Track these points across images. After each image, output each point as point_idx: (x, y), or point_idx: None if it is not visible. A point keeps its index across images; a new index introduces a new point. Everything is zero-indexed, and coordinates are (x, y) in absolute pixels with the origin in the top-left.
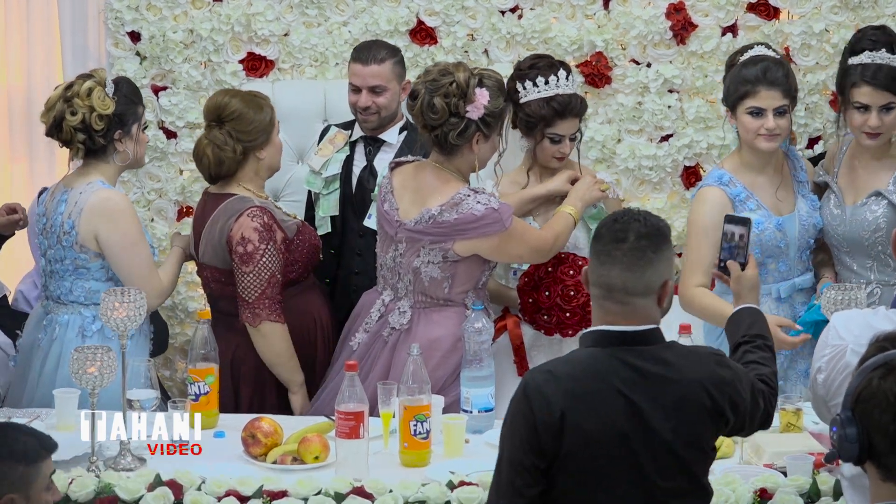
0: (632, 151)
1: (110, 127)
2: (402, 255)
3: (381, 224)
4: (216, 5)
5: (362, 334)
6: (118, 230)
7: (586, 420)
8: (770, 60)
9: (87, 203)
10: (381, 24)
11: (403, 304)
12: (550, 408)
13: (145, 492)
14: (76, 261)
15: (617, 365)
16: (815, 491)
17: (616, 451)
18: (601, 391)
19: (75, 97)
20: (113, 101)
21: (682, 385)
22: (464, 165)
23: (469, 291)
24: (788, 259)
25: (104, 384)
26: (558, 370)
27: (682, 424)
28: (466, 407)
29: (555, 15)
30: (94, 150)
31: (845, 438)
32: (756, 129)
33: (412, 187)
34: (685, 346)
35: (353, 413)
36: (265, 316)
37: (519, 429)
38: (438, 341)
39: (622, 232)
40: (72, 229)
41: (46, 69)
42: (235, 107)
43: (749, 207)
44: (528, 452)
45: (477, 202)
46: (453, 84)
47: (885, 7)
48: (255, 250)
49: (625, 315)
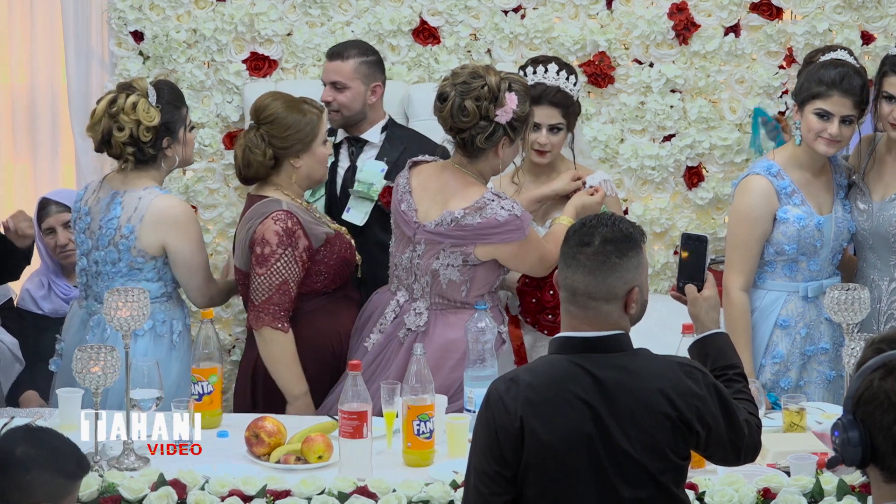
0: (634, 151)
1: (158, 136)
2: (421, 257)
3: (399, 224)
4: (219, 5)
5: (377, 335)
6: (188, 239)
7: (545, 428)
8: (850, 68)
9: (148, 210)
10: (385, 24)
11: (420, 305)
12: (510, 416)
13: (149, 491)
14: (132, 263)
15: (577, 372)
16: (819, 491)
17: (578, 458)
18: (560, 399)
19: (120, 112)
20: (158, 111)
21: (641, 393)
22: (486, 169)
23: (485, 294)
24: (820, 259)
25: (107, 384)
26: (520, 378)
27: (641, 432)
28: (470, 406)
29: (558, 15)
30: (143, 160)
31: (848, 442)
32: (819, 130)
33: (433, 188)
34: (653, 354)
35: (356, 413)
36: (267, 321)
37: (482, 437)
38: (455, 343)
39: (588, 236)
40: (131, 234)
41: (50, 69)
42: (273, 110)
43: (794, 202)
44: (490, 460)
45: (501, 208)
46: (485, 87)
47: (888, 7)
48: (272, 254)
49: (588, 320)
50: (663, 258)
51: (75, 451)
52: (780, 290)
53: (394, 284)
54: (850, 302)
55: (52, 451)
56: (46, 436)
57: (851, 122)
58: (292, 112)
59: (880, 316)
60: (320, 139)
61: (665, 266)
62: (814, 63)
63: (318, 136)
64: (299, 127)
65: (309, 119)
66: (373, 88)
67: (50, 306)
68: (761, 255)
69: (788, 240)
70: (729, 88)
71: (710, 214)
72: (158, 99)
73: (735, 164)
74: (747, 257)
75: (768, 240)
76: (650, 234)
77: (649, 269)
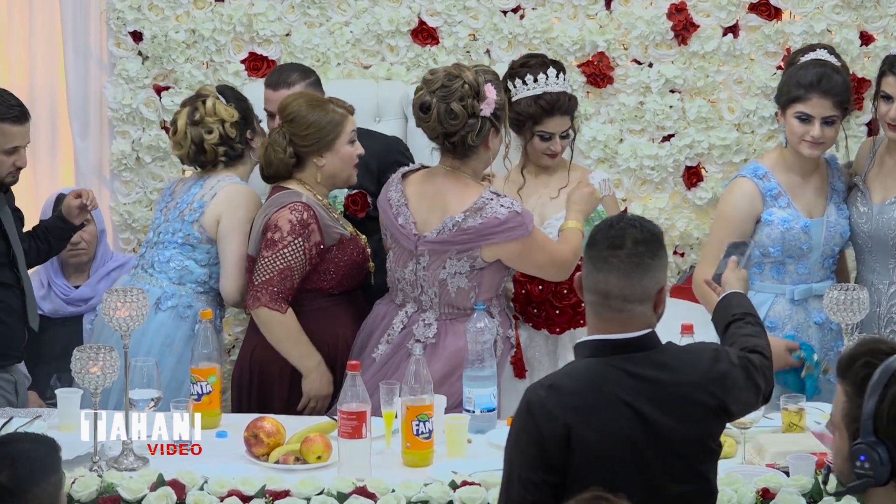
0: (633, 151)
1: (241, 130)
2: (426, 269)
3: (397, 239)
4: (218, 5)
5: (384, 346)
6: (238, 219)
7: (591, 432)
8: (829, 67)
9: (222, 189)
10: (383, 24)
11: (429, 316)
12: (555, 423)
13: (148, 491)
14: (189, 237)
15: (617, 374)
16: (818, 491)
17: (624, 460)
18: (604, 402)
19: (205, 117)
20: (234, 108)
21: (683, 387)
22: (479, 166)
23: (493, 298)
24: (809, 262)
25: (106, 384)
26: (560, 384)
27: (685, 427)
28: (468, 407)
29: (557, 15)
30: (234, 157)
31: (879, 462)
32: (802, 134)
33: (429, 195)
34: (680, 347)
35: (355, 413)
36: (264, 301)
37: (525, 446)
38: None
39: (619, 238)
40: (200, 208)
41: (48, 69)
42: (294, 108)
43: (780, 205)
44: (537, 469)
45: (500, 205)
46: (465, 86)
47: (887, 7)
48: (281, 239)
49: (621, 323)
50: None
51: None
52: (768, 291)
53: (399, 297)
54: (850, 302)
55: (31, 460)
56: (14, 448)
57: (834, 123)
58: (314, 110)
59: (880, 320)
60: (345, 139)
61: None
62: (794, 64)
63: (343, 135)
64: (321, 125)
65: (332, 118)
66: None
67: (50, 306)
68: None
69: (773, 242)
70: (727, 88)
71: (709, 214)
72: (227, 99)
73: (734, 164)
74: (718, 255)
75: (755, 241)
76: None
77: None
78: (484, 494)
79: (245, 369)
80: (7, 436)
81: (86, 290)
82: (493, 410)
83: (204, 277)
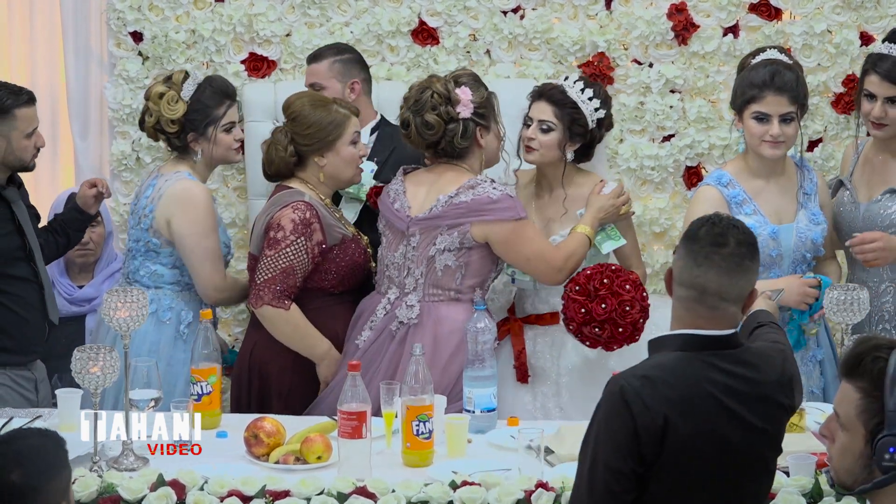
0: (634, 151)
1: (182, 130)
2: (416, 248)
3: (390, 222)
4: (218, 6)
5: (368, 332)
6: (188, 219)
7: (686, 425)
8: (780, 65)
9: (167, 190)
10: (383, 25)
11: (411, 298)
12: (652, 413)
13: (148, 492)
14: (148, 244)
15: (709, 370)
16: (818, 491)
17: (713, 455)
18: (697, 396)
19: (149, 99)
20: (184, 105)
21: (765, 386)
22: (476, 164)
23: (477, 288)
24: (781, 269)
25: (106, 384)
26: (653, 375)
27: (769, 424)
28: (469, 407)
29: (557, 15)
30: (177, 147)
31: None
32: (761, 134)
33: (427, 182)
34: (755, 347)
35: (355, 413)
36: (267, 299)
37: (617, 435)
38: (450, 335)
39: (722, 237)
40: (150, 213)
41: (49, 69)
42: (297, 107)
43: (745, 212)
44: (627, 458)
45: (493, 187)
46: (434, 95)
47: (887, 7)
48: (284, 238)
49: (713, 320)
50: (663, 258)
51: (50, 438)
52: None
53: (384, 285)
54: (850, 302)
55: (39, 456)
56: (22, 445)
57: (792, 120)
58: (316, 110)
59: (871, 317)
60: (346, 139)
61: (664, 266)
62: (746, 67)
63: (344, 135)
64: (322, 125)
65: (333, 118)
66: (350, 85)
67: None
68: None
69: None
70: (728, 89)
71: None
72: (197, 92)
73: None
74: None
75: None
76: (650, 235)
77: (648, 269)
78: (484, 494)
79: (245, 368)
80: (11, 433)
81: (89, 290)
82: (493, 411)
83: (175, 277)
